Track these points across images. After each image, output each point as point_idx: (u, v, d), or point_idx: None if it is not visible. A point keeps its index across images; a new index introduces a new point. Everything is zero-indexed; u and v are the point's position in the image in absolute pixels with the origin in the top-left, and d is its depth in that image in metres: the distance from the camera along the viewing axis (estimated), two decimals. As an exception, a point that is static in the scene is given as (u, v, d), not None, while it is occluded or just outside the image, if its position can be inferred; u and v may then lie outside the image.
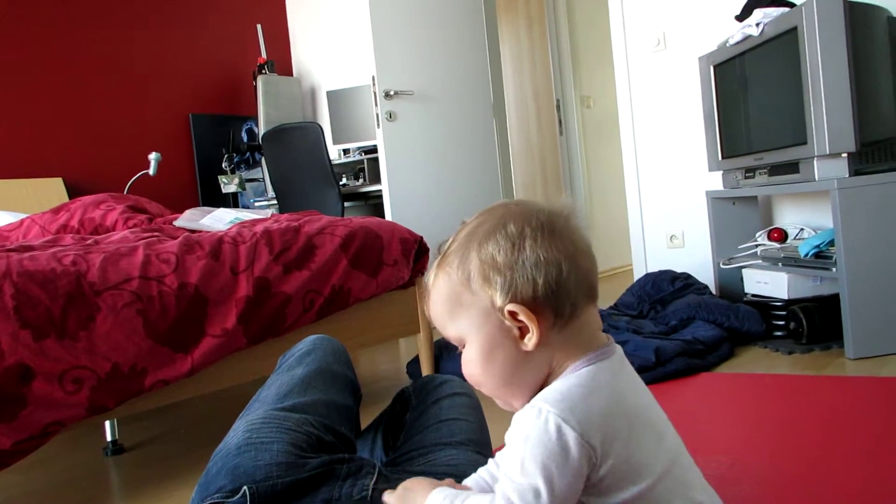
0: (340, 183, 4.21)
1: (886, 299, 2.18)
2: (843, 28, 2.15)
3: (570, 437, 0.68)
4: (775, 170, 2.52)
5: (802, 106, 2.26)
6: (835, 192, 2.17)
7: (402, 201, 3.55)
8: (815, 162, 2.26)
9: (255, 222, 2.29)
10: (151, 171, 3.74)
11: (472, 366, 0.78)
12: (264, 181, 4.64)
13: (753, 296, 2.67)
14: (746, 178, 2.73)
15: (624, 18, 3.55)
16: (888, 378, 1.95)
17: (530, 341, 0.74)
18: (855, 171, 2.24)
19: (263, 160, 4.41)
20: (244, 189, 4.43)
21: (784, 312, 2.50)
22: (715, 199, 2.97)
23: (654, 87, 3.48)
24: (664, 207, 3.49)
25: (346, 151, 4.59)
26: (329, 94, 4.58)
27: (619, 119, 3.67)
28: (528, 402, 0.75)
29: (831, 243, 2.32)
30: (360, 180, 4.30)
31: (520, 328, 0.75)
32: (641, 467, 0.72)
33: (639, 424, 0.73)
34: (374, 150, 4.09)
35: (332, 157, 4.22)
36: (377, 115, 3.52)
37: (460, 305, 0.78)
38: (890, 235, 2.18)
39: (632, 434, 0.72)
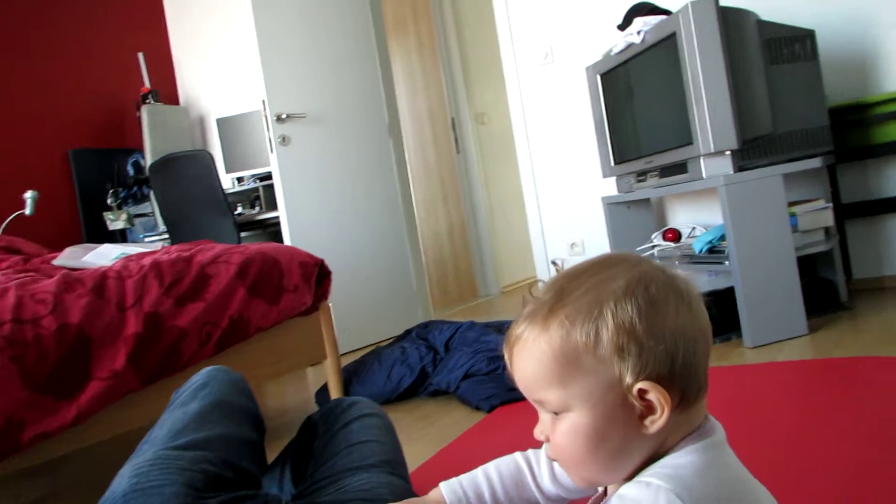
0: (236, 212, 4.07)
1: (776, 287, 2.27)
2: (718, 31, 2.25)
3: None
4: (665, 171, 2.60)
5: (686, 108, 2.34)
6: (722, 188, 2.24)
7: (300, 226, 3.46)
8: (701, 161, 2.34)
9: (142, 255, 2.16)
10: (28, 211, 3.49)
11: (575, 442, 0.66)
12: (154, 215, 4.43)
13: (654, 295, 2.73)
14: (639, 181, 2.80)
15: (512, 34, 3.61)
16: (785, 363, 2.02)
17: (654, 424, 0.64)
18: (738, 168, 2.33)
19: (152, 193, 4.21)
20: (132, 225, 4.21)
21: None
22: (611, 205, 3.04)
23: (545, 99, 3.54)
24: (563, 216, 3.55)
25: (240, 180, 4.45)
26: (219, 121, 4.44)
27: (513, 133, 3.72)
28: (622, 481, 0.68)
29: (722, 238, 2.41)
30: (257, 208, 4.17)
31: (644, 407, 0.64)
32: None
33: (753, 500, 0.67)
34: (269, 176, 3.98)
35: (225, 187, 4.08)
36: (270, 139, 3.43)
37: (578, 370, 0.65)
38: (774, 226, 2.28)
39: None
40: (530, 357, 0.67)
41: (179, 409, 1.05)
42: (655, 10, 2.62)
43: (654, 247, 2.90)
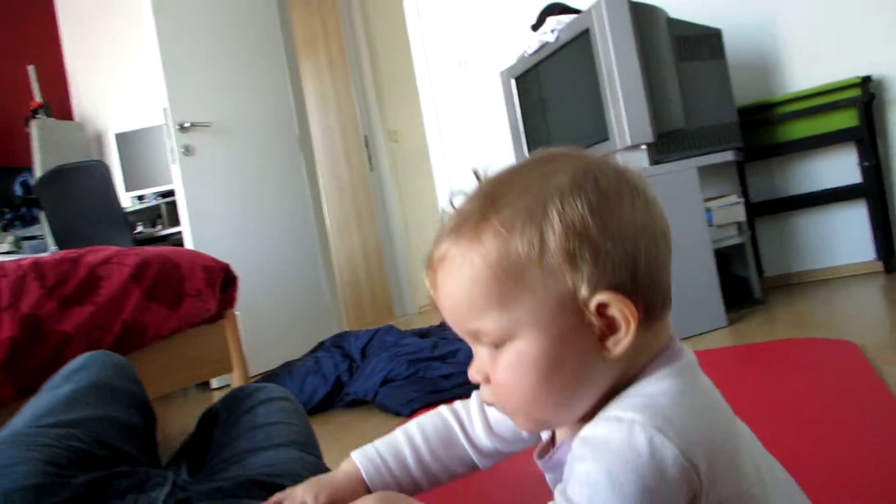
0: (136, 231, 3.84)
1: (696, 280, 2.26)
2: (631, 27, 2.25)
3: (668, 452, 0.48)
4: (582, 171, 2.57)
5: (601, 103, 2.33)
6: (639, 181, 2.23)
7: (204, 241, 3.25)
8: (618, 156, 2.33)
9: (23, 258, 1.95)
10: None
11: (523, 377, 0.54)
12: (44, 237, 4.12)
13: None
14: (556, 183, 2.77)
15: (424, 43, 3.57)
16: (709, 350, 2.00)
17: (619, 345, 0.53)
18: (654, 162, 2.32)
19: (42, 214, 3.92)
20: (20, 248, 3.91)
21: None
22: (528, 210, 3.00)
23: (459, 107, 3.50)
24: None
25: (140, 198, 4.20)
26: (118, 136, 4.19)
27: (428, 145, 3.65)
28: (577, 423, 0.55)
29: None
30: (158, 226, 3.94)
31: (602, 326, 0.53)
32: (753, 494, 0.53)
33: (735, 433, 0.55)
34: (171, 193, 3.77)
35: (125, 206, 3.84)
36: (172, 148, 3.24)
37: (521, 287, 0.53)
38: (692, 219, 2.29)
39: (736, 447, 0.54)
40: (461, 277, 0.55)
41: (48, 393, 0.90)
42: (568, 10, 2.62)
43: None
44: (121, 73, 4.43)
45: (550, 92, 2.70)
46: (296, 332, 3.56)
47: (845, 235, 2.81)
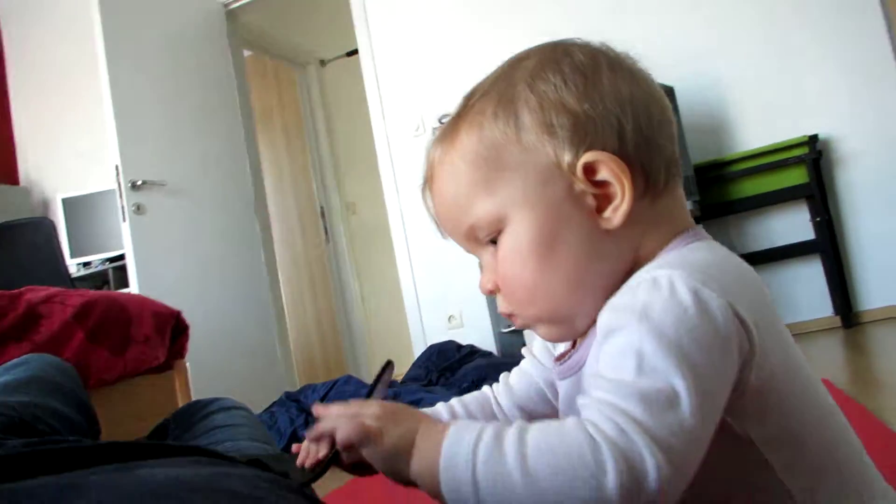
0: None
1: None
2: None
3: (713, 302, 0.43)
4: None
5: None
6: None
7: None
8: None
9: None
10: None
11: (522, 259, 0.51)
12: (-18, 304, 3.91)
13: (539, 353, 2.64)
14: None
15: (383, 107, 3.59)
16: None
17: (617, 212, 0.49)
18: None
19: (-20, 278, 3.73)
20: (-46, 313, 3.69)
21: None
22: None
23: (418, 171, 3.50)
24: (441, 290, 3.44)
25: (86, 264, 4.05)
26: (65, 201, 4.07)
27: (387, 210, 3.63)
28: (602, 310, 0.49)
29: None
30: (105, 289, 3.78)
31: (596, 196, 0.50)
32: (807, 382, 0.48)
33: (782, 326, 0.50)
34: (119, 258, 3.64)
35: (70, 272, 3.69)
36: (123, 207, 3.15)
37: (502, 167, 0.51)
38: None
39: (782, 331, 0.49)
40: (446, 177, 0.55)
41: (-21, 385, 0.80)
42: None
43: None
44: (69, 138, 4.34)
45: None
46: (248, 394, 3.38)
47: (803, 291, 2.84)
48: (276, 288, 3.90)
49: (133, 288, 3.15)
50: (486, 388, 0.72)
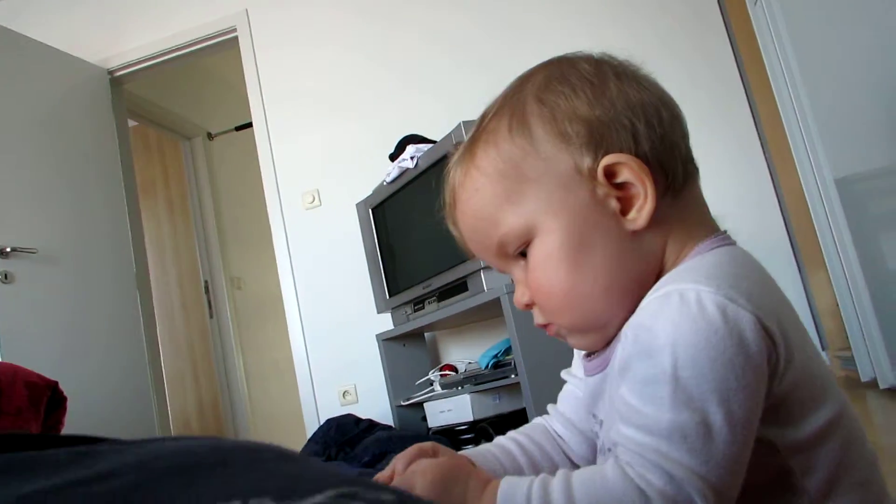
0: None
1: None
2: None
3: (745, 319, 0.43)
4: (444, 294, 2.56)
5: (463, 223, 2.36)
6: (504, 296, 2.23)
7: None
8: (482, 274, 2.34)
9: None
10: None
11: (552, 267, 0.52)
12: None
13: (439, 427, 2.58)
14: (416, 310, 2.73)
15: (277, 179, 3.53)
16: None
17: (642, 212, 0.50)
18: (517, 280, 2.36)
19: None
20: None
21: (472, 434, 2.43)
22: (386, 342, 2.91)
23: (313, 245, 3.44)
24: (335, 366, 3.33)
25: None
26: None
27: (281, 290, 3.51)
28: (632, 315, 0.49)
29: (507, 351, 2.37)
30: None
31: (619, 198, 0.50)
32: (824, 381, 0.48)
33: (801, 326, 0.50)
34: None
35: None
36: (-14, 276, 2.88)
37: (523, 180, 0.52)
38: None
39: (803, 332, 0.48)
40: (468, 196, 0.56)
41: None
42: (424, 140, 2.71)
43: (431, 382, 2.78)
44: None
45: (411, 217, 2.72)
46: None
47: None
48: (157, 366, 3.65)
49: (-7, 366, 2.85)
50: (538, 419, 0.73)
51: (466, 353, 3.05)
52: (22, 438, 0.40)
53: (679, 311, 0.44)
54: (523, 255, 0.55)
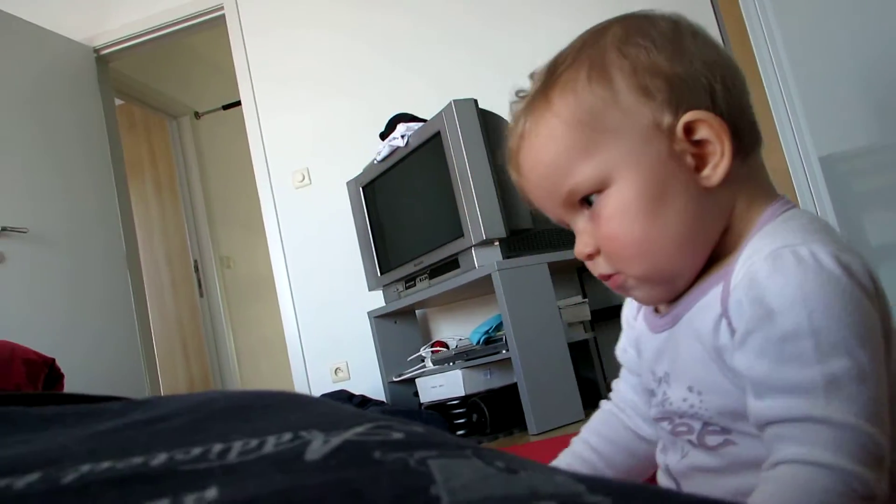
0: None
1: (553, 372, 2.28)
2: (479, 127, 2.37)
3: (855, 265, 0.45)
4: (436, 271, 2.59)
5: (454, 202, 2.39)
6: (496, 274, 2.27)
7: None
8: (473, 251, 2.37)
9: None
10: None
11: (628, 217, 0.53)
12: None
13: (431, 402, 2.62)
14: (408, 288, 2.76)
15: (267, 159, 3.53)
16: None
17: (718, 169, 0.52)
18: (506, 257, 2.39)
19: None
20: None
21: (464, 409, 2.47)
22: (378, 319, 2.94)
23: (303, 224, 3.45)
24: (327, 342, 3.36)
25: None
26: None
27: (272, 268, 3.52)
28: (700, 271, 0.53)
29: (498, 328, 2.40)
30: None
31: (695, 154, 0.52)
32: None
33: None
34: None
35: None
36: (-24, 256, 2.88)
37: (603, 130, 0.53)
38: (546, 312, 2.34)
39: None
40: (541, 143, 0.56)
41: None
42: (414, 119, 2.72)
43: (423, 359, 2.82)
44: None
45: (402, 196, 2.74)
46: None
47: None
48: (148, 344, 3.66)
49: (-15, 346, 2.86)
50: (607, 405, 0.76)
51: (458, 330, 3.09)
52: (48, 397, 0.43)
53: (798, 268, 0.46)
54: (588, 204, 0.56)
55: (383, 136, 2.79)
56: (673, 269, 0.55)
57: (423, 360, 2.79)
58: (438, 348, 2.80)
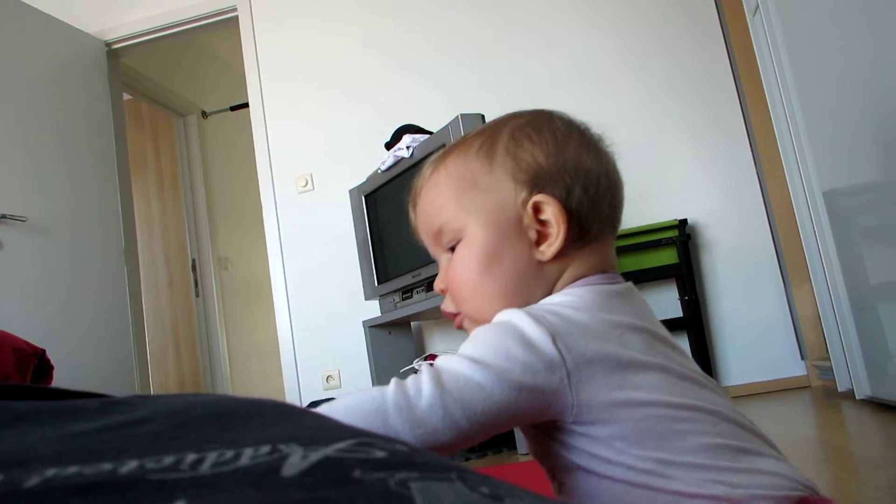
0: None
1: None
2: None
3: (529, 328, 0.56)
4: (433, 285, 2.58)
5: (456, 216, 2.38)
6: (493, 290, 2.26)
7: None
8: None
9: None
10: None
11: (468, 264, 0.64)
12: None
13: (420, 416, 2.60)
14: (404, 299, 2.75)
15: (271, 162, 3.53)
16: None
17: (550, 248, 0.62)
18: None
19: None
20: None
21: (454, 424, 2.46)
22: (372, 329, 2.93)
23: (304, 229, 3.45)
24: (320, 349, 3.35)
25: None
26: None
27: (269, 271, 3.51)
28: None
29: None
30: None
31: (538, 232, 0.63)
32: (640, 378, 0.57)
33: (659, 341, 0.61)
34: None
35: None
36: (-26, 243, 2.87)
37: (473, 188, 0.65)
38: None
39: (634, 361, 0.57)
40: (430, 191, 0.69)
41: None
42: (421, 131, 2.72)
43: (416, 371, 2.80)
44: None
45: (404, 206, 2.72)
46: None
47: (670, 363, 2.98)
48: (140, 340, 3.65)
49: (-24, 333, 2.84)
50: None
51: (452, 344, 3.08)
52: (27, 390, 0.42)
53: (494, 319, 0.61)
54: (452, 249, 0.67)
55: (389, 145, 2.78)
56: (492, 315, 0.63)
57: (415, 372, 2.77)
58: (432, 361, 2.78)
